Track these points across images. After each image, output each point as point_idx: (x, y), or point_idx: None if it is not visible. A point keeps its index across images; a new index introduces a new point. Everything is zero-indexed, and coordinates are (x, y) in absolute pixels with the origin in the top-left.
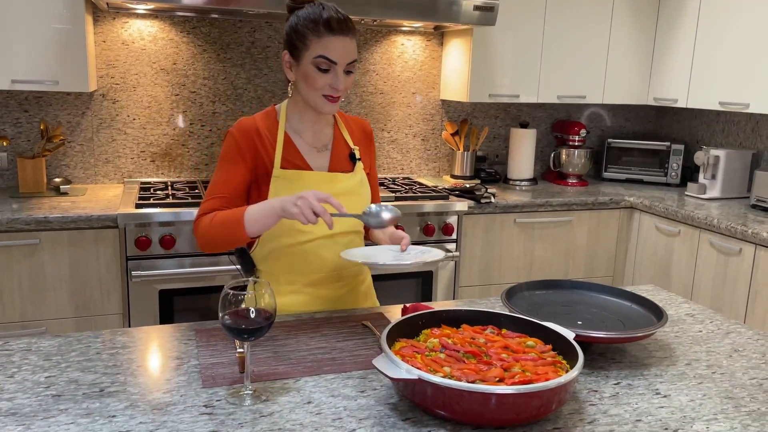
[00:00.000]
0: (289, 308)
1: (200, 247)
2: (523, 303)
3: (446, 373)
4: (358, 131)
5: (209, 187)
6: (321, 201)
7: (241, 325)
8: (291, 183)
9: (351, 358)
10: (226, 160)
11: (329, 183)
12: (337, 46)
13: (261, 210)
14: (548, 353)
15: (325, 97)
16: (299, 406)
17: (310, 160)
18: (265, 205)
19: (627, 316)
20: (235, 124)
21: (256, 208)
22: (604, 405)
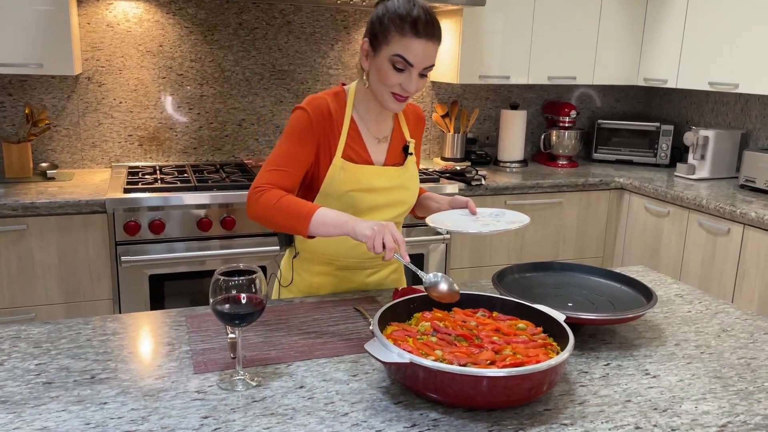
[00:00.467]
0: (318, 289)
1: (250, 216)
2: (514, 285)
3: (438, 356)
4: (413, 119)
5: (272, 157)
6: (394, 240)
7: (232, 311)
8: (348, 175)
9: (343, 342)
10: (296, 136)
11: (383, 177)
12: (418, 50)
13: (332, 219)
14: (539, 335)
15: (394, 95)
16: (291, 390)
17: (371, 151)
18: (338, 216)
19: (617, 297)
20: (308, 102)
21: (329, 215)
22: (594, 386)
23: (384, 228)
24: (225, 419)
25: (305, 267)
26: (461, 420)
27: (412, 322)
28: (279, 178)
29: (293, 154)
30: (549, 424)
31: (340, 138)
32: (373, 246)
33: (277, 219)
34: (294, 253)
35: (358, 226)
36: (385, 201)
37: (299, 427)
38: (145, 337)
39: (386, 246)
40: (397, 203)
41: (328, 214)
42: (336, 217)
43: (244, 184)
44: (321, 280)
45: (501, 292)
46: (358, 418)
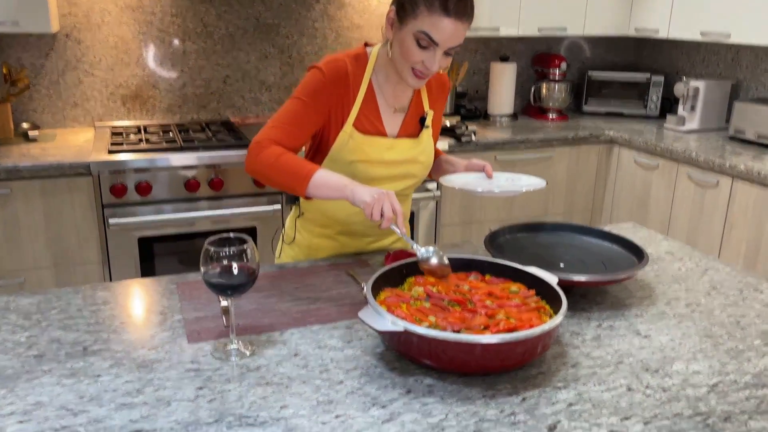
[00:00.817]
0: (318, 251)
1: (248, 170)
2: (506, 246)
3: (432, 322)
4: (436, 87)
5: (279, 113)
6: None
7: (223, 282)
8: (357, 145)
9: (336, 308)
10: (308, 97)
11: (394, 150)
12: (446, 29)
13: (332, 182)
14: (532, 298)
15: (414, 71)
16: (286, 359)
17: (385, 121)
18: (338, 179)
19: (608, 257)
20: (326, 62)
21: (328, 177)
22: (587, 347)
23: (384, 196)
24: (220, 390)
25: (308, 227)
26: (455, 385)
27: (405, 287)
28: (282, 135)
29: (301, 115)
30: (542, 388)
31: (354, 104)
32: (371, 213)
33: (276, 176)
34: (298, 213)
35: (357, 191)
36: (394, 174)
37: (295, 396)
38: (137, 306)
39: (384, 215)
40: (406, 176)
41: (327, 177)
42: (336, 180)
43: (231, 143)
44: (321, 242)
45: (493, 254)
46: (354, 385)
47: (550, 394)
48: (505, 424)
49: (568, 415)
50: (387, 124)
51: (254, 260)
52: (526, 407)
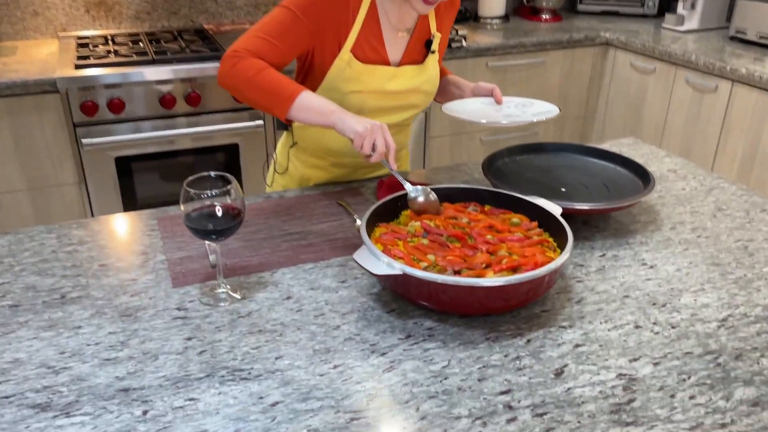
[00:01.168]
0: (308, 182)
1: (221, 83)
2: (505, 170)
3: (431, 261)
4: (444, 5)
5: (263, 21)
6: (386, 145)
7: (207, 225)
8: (355, 74)
9: (329, 243)
10: (298, 7)
11: (396, 80)
12: None
13: (318, 106)
14: (534, 231)
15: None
16: (278, 302)
17: (387, 46)
18: (324, 104)
19: (611, 179)
20: None
21: (313, 101)
22: (591, 281)
23: (378, 129)
24: (210, 340)
25: (301, 157)
26: (457, 327)
27: (401, 220)
28: (263, 48)
29: (287, 26)
30: (547, 328)
31: (354, 25)
32: (361, 145)
33: (253, 94)
34: (291, 142)
35: (346, 119)
36: (395, 104)
37: (290, 344)
38: (116, 246)
39: (376, 148)
40: (407, 107)
41: (313, 100)
42: (322, 105)
43: (206, 55)
44: (315, 174)
45: (492, 182)
46: (351, 331)
47: (555, 335)
48: (510, 370)
49: (575, 358)
50: (389, 49)
51: (239, 200)
52: (531, 350)
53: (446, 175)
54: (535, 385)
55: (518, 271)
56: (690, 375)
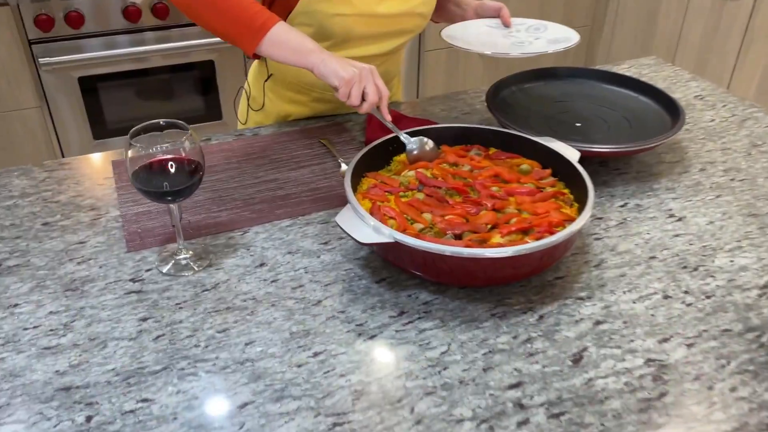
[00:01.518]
0: (287, 118)
1: (176, 3)
2: (512, 102)
3: (427, 222)
4: None
5: None
6: (378, 93)
7: (159, 185)
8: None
9: (309, 194)
10: None
11: (387, 1)
12: None
13: (294, 43)
14: (547, 180)
15: None
16: (250, 271)
17: None
18: (302, 40)
19: (633, 110)
20: None
21: (290, 36)
22: (611, 238)
23: (367, 74)
24: (169, 320)
25: (278, 92)
26: (458, 301)
27: (393, 168)
28: None
29: None
30: (562, 300)
31: None
32: (347, 94)
33: (215, 20)
34: (266, 74)
35: (329, 60)
36: (385, 30)
37: (262, 326)
38: (62, 200)
39: (367, 98)
40: (400, 33)
41: (289, 35)
42: (299, 41)
43: None
44: (295, 110)
45: (498, 118)
46: (334, 307)
47: (572, 309)
48: (521, 356)
49: (596, 339)
50: None
51: (197, 151)
52: (545, 329)
53: (443, 107)
54: (550, 376)
55: (529, 234)
56: (729, 359)
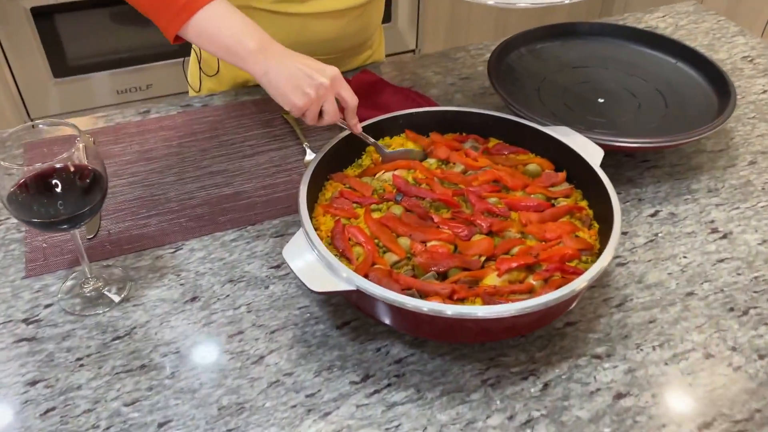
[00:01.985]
0: (245, 84)
1: None
2: (520, 68)
3: (404, 253)
4: None
5: None
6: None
7: (45, 212)
8: None
9: (264, 192)
10: None
11: None
12: None
13: (227, 37)
14: (560, 188)
15: None
16: (177, 308)
17: None
18: (240, 37)
19: (668, 80)
20: None
21: (222, 28)
22: (639, 263)
23: (326, 90)
24: (65, 386)
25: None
26: (438, 359)
27: (364, 163)
28: None
29: None
30: (573, 359)
31: None
32: (302, 116)
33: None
34: (200, 57)
35: (275, 73)
36: None
37: (184, 396)
38: None
39: (325, 116)
40: None
41: (223, 24)
42: (236, 37)
43: None
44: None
45: (501, 94)
46: (280, 367)
47: (585, 373)
48: None
49: (616, 424)
50: None
51: (95, 158)
52: (550, 406)
53: (437, 68)
54: None
55: (534, 271)
56: None
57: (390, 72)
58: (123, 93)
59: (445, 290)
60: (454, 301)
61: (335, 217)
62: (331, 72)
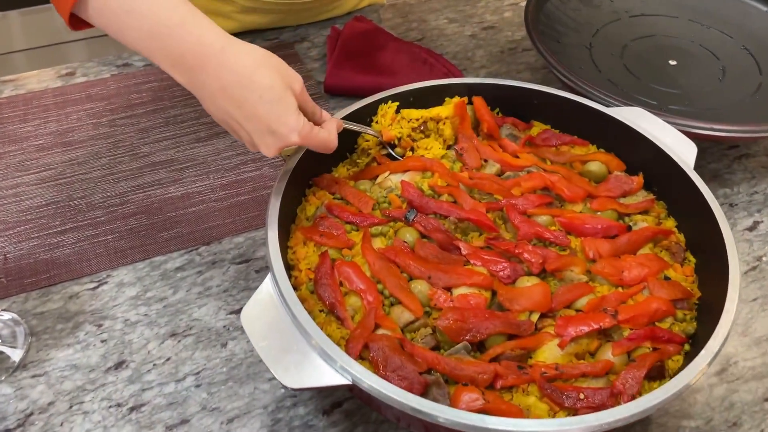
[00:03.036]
0: None
1: None
2: (564, 18)
3: (420, 309)
4: None
5: None
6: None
7: None
8: None
9: (222, 196)
10: None
11: None
12: None
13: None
14: (635, 198)
15: None
16: (95, 380)
17: None
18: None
19: (758, 35)
20: None
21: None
22: (740, 307)
23: (287, 135)
24: None
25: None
26: None
27: (360, 160)
28: None
29: None
30: None
31: None
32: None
33: None
34: None
35: (208, 105)
36: None
37: None
38: None
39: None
40: None
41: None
42: (164, 13)
43: None
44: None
45: (544, 53)
46: None
47: None
48: None
49: None
50: None
51: None
52: None
53: (453, 14)
54: None
55: (612, 336)
56: None
57: (392, 19)
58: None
59: (486, 375)
60: (499, 391)
61: (320, 247)
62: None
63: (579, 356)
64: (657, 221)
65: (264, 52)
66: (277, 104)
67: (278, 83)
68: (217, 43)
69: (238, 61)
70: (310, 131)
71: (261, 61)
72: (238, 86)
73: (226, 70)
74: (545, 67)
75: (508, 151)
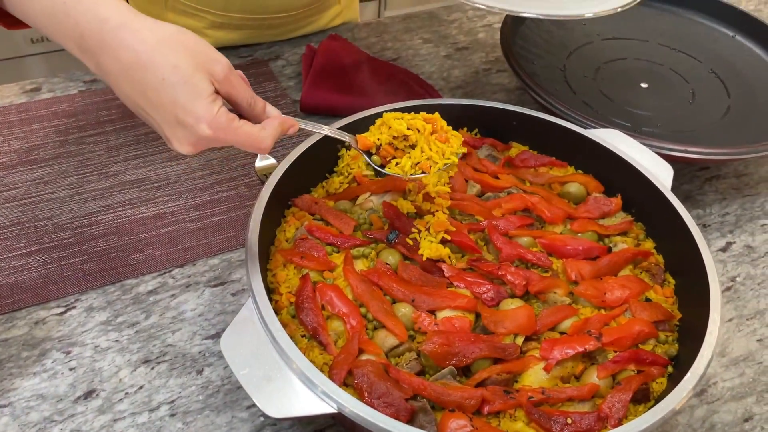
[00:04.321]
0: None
1: None
2: (539, 41)
3: (404, 333)
4: None
5: None
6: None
7: None
8: None
9: (196, 216)
10: None
11: None
12: None
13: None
14: (614, 219)
15: None
16: (63, 411)
17: None
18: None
19: (724, 59)
20: None
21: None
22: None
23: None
24: None
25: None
26: None
27: (343, 170)
28: None
29: None
30: None
31: None
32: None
33: None
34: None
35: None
36: None
37: None
38: None
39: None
40: None
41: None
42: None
43: None
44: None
45: (520, 74)
46: None
47: None
48: None
49: None
50: None
51: None
52: None
53: (427, 34)
54: None
55: (597, 359)
56: None
57: (367, 38)
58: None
59: (473, 401)
60: (486, 417)
61: (301, 270)
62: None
63: (564, 379)
64: (636, 242)
65: (175, 28)
66: (182, 87)
67: (185, 62)
68: (116, 18)
69: (137, 37)
70: (227, 124)
71: (165, 38)
72: (137, 67)
73: (125, 48)
74: (519, 88)
75: (488, 172)
